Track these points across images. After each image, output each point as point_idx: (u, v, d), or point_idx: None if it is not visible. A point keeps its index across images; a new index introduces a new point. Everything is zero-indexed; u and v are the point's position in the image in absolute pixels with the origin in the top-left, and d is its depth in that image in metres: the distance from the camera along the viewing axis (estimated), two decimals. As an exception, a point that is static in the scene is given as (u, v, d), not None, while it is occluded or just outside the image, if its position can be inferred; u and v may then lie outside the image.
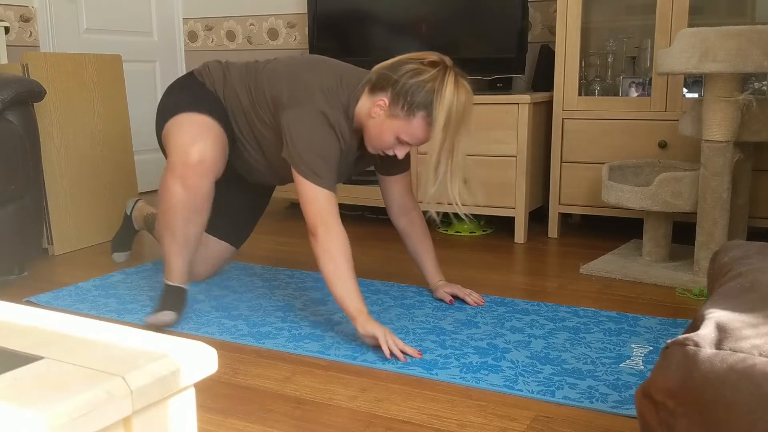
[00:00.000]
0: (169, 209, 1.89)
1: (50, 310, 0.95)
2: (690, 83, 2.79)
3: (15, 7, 3.41)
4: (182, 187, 1.87)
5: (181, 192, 1.87)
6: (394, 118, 1.78)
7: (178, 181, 1.88)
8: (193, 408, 0.76)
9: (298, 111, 1.81)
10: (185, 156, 1.87)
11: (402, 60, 1.83)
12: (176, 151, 1.90)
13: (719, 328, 0.87)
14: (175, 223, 1.90)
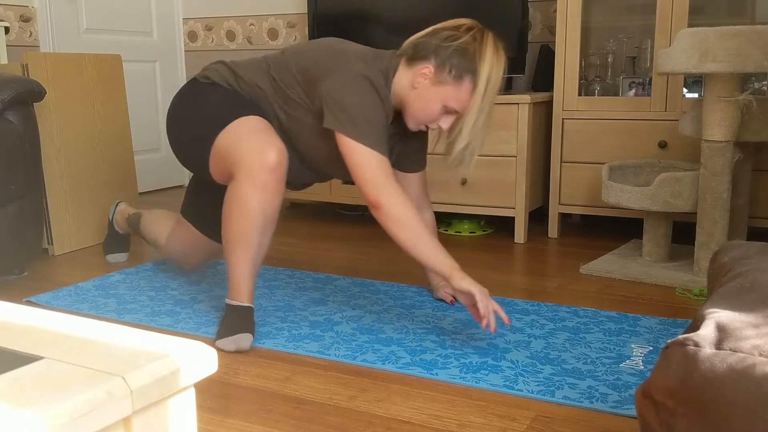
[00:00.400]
0: (244, 218, 1.72)
1: (50, 310, 0.95)
2: (690, 83, 2.79)
3: (15, 7, 3.41)
4: (261, 193, 1.70)
5: (259, 198, 1.70)
6: (442, 84, 1.73)
7: (258, 189, 1.69)
8: (193, 408, 0.76)
9: (339, 77, 1.71)
10: (264, 160, 1.68)
11: (437, 28, 1.78)
12: (250, 157, 1.69)
13: (719, 328, 0.87)
14: (252, 234, 1.73)
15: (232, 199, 1.73)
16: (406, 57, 1.79)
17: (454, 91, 1.73)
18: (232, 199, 1.73)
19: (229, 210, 1.75)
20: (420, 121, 1.81)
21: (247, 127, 1.75)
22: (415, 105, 1.78)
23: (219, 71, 1.91)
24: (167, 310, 2.07)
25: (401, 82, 1.79)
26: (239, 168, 1.72)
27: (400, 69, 1.79)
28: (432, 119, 1.79)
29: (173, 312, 2.05)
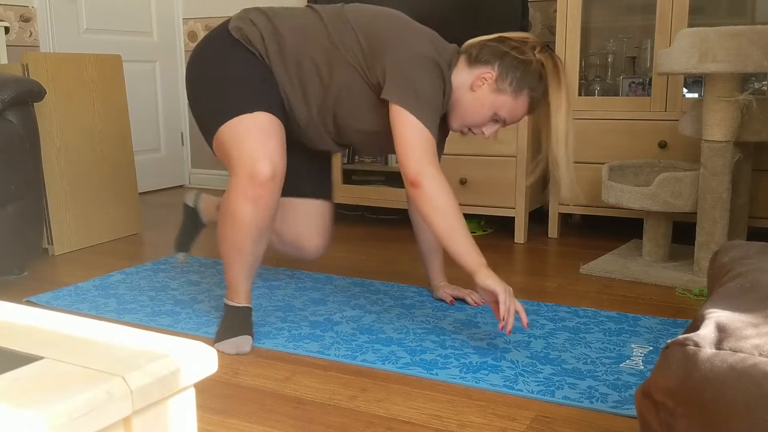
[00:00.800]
0: (237, 230, 1.71)
1: (50, 310, 0.95)
2: (690, 83, 2.79)
3: (15, 7, 3.41)
4: (254, 207, 1.68)
5: (252, 213, 1.68)
6: (499, 93, 1.72)
7: (249, 202, 1.68)
8: (193, 408, 0.76)
9: (409, 51, 1.67)
10: (255, 173, 1.66)
11: (504, 37, 1.76)
12: (242, 166, 1.67)
13: (719, 328, 0.87)
14: (245, 244, 1.72)
15: (226, 207, 1.72)
16: (468, 56, 1.77)
17: (510, 102, 1.73)
18: (226, 207, 1.72)
19: (223, 217, 1.74)
20: (466, 123, 1.79)
21: (249, 126, 1.69)
22: (468, 106, 1.76)
23: (257, 27, 1.78)
24: (167, 310, 2.07)
25: (458, 80, 1.77)
26: (234, 174, 1.70)
27: (459, 66, 1.78)
28: (479, 124, 1.78)
29: (173, 312, 2.05)
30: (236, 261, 1.76)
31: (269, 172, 1.66)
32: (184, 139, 4.33)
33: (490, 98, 1.74)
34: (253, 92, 1.73)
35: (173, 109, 4.26)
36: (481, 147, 2.86)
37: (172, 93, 4.25)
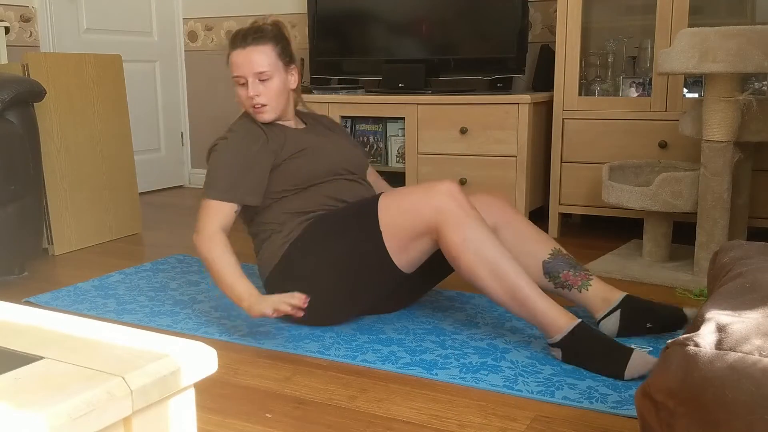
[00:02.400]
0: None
1: (50, 311, 0.95)
2: (690, 83, 2.79)
3: (15, 7, 3.41)
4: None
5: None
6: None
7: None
8: (193, 408, 0.76)
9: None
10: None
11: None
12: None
13: (719, 328, 0.87)
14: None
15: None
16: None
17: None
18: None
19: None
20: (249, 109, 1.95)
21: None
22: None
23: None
24: (167, 310, 2.07)
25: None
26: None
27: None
28: (244, 101, 1.93)
29: (173, 312, 2.05)
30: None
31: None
32: (184, 139, 4.33)
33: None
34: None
35: (173, 109, 4.26)
36: (481, 147, 2.86)
37: (172, 93, 4.25)
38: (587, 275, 1.83)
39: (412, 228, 1.72)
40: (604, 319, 1.79)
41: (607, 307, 1.78)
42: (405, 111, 3.01)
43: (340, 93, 3.22)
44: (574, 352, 1.62)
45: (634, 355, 1.56)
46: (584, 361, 1.61)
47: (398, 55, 3.26)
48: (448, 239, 1.67)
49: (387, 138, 3.19)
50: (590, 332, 1.61)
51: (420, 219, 1.70)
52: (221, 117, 4.20)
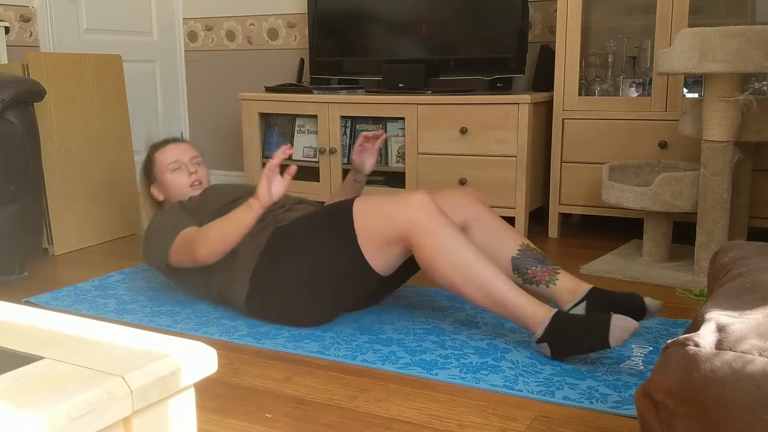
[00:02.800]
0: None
1: (50, 311, 0.95)
2: (690, 83, 2.79)
3: (15, 7, 3.41)
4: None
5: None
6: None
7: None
8: (193, 408, 0.76)
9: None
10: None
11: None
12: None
13: (719, 328, 0.87)
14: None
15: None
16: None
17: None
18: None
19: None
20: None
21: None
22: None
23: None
24: (167, 310, 2.07)
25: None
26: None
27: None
28: (180, 183, 2.16)
29: (173, 312, 2.05)
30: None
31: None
32: (183, 139, 4.32)
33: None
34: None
35: (173, 109, 4.26)
36: (481, 147, 2.86)
37: (172, 93, 4.25)
38: (555, 270, 1.88)
39: (386, 234, 1.75)
40: (571, 311, 1.83)
41: (574, 299, 1.83)
42: (405, 111, 3.01)
43: (340, 93, 3.21)
44: (559, 343, 1.64)
45: (613, 322, 1.57)
46: (572, 348, 1.64)
47: (398, 55, 3.26)
48: (421, 250, 1.71)
49: (387, 138, 3.19)
50: (567, 317, 1.66)
51: (393, 227, 1.74)
52: (221, 117, 4.20)
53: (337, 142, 3.18)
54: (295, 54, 3.87)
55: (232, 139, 4.17)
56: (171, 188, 2.16)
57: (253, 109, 3.38)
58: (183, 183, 2.15)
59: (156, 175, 2.18)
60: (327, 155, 3.21)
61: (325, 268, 1.83)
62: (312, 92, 3.25)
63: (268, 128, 3.46)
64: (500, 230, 1.92)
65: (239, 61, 4.08)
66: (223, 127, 4.22)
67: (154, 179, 2.19)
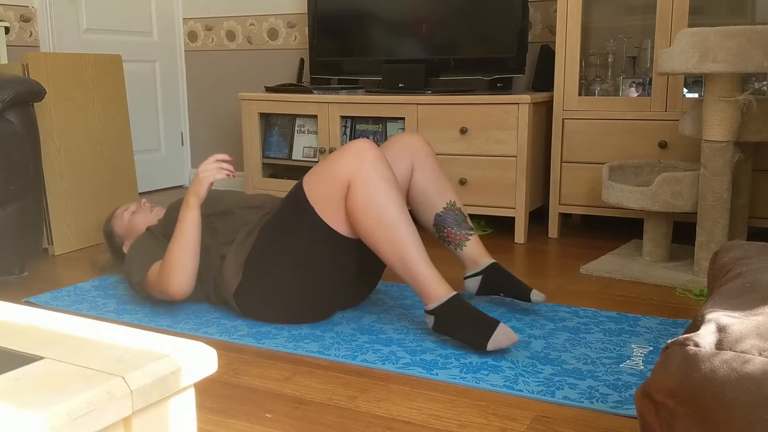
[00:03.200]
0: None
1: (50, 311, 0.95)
2: (690, 83, 2.79)
3: (15, 7, 3.41)
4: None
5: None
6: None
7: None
8: (193, 408, 0.76)
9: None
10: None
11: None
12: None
13: (719, 328, 0.87)
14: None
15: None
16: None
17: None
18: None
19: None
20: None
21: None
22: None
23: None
24: (167, 310, 2.07)
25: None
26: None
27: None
28: (140, 215, 2.24)
29: (173, 312, 2.05)
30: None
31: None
32: (184, 139, 4.33)
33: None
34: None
35: (173, 109, 4.26)
36: (481, 147, 2.86)
37: (172, 93, 4.25)
38: (467, 236, 2.01)
39: (335, 192, 1.76)
40: (468, 278, 2.04)
41: (474, 269, 2.02)
42: (405, 111, 3.01)
43: (340, 93, 3.22)
44: (444, 321, 1.72)
45: (499, 328, 1.66)
46: (453, 331, 1.71)
47: (398, 55, 3.26)
48: (352, 197, 1.73)
49: (387, 138, 3.19)
50: (463, 305, 1.71)
51: (336, 181, 1.76)
52: (221, 117, 4.20)
53: (337, 142, 3.18)
54: (295, 54, 3.87)
55: (232, 139, 4.18)
56: (134, 230, 2.20)
57: (253, 109, 3.38)
58: (143, 217, 2.21)
59: (119, 232, 2.23)
60: (327, 155, 3.22)
61: (305, 256, 1.82)
62: (312, 92, 3.25)
63: (268, 128, 3.46)
64: (437, 184, 2.01)
65: (239, 61, 4.08)
66: (223, 127, 4.22)
67: (121, 241, 2.23)
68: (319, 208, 1.78)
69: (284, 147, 3.41)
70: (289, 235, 1.83)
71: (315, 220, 1.78)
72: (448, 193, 2.02)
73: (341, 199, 1.76)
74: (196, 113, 4.30)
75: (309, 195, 1.80)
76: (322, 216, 1.78)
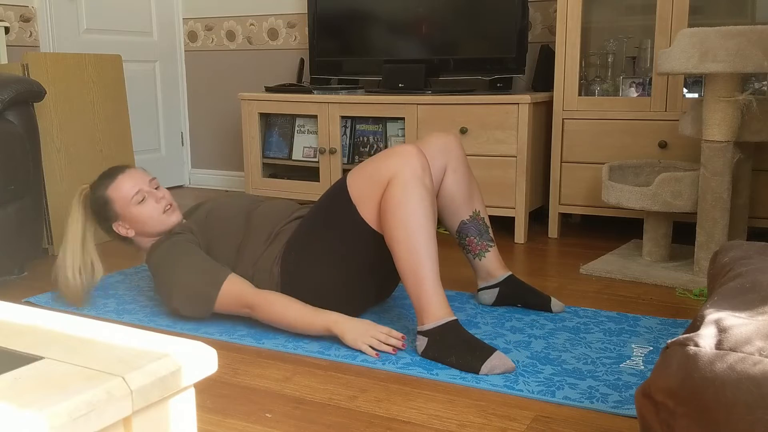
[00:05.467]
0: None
1: (50, 311, 0.95)
2: (690, 83, 2.79)
3: (15, 7, 3.41)
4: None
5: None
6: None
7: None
8: (193, 408, 0.76)
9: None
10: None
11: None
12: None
13: (719, 328, 0.87)
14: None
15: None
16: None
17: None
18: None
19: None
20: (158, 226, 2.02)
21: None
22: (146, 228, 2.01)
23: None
24: (167, 310, 2.07)
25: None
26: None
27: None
28: (152, 212, 2.00)
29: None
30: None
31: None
32: (184, 139, 4.33)
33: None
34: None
35: (173, 109, 4.26)
36: (481, 147, 2.86)
37: (172, 93, 4.25)
38: (487, 246, 2.04)
39: (377, 191, 1.76)
40: (484, 290, 2.06)
41: (490, 281, 2.05)
42: (405, 111, 3.01)
43: (340, 93, 3.22)
44: (439, 343, 1.67)
45: (495, 354, 1.62)
46: (445, 354, 1.66)
47: (398, 55, 3.26)
48: (388, 194, 1.73)
49: (387, 138, 3.19)
50: (461, 329, 1.68)
51: (380, 180, 1.75)
52: (221, 117, 4.20)
53: (337, 142, 3.18)
54: (295, 54, 3.87)
55: (232, 139, 4.18)
56: (142, 221, 1.99)
57: (253, 109, 3.38)
58: (155, 212, 1.99)
59: (118, 211, 1.99)
60: (327, 155, 3.21)
61: (343, 254, 1.82)
62: (312, 92, 3.25)
63: (268, 128, 3.46)
64: (466, 191, 2.01)
65: (239, 61, 4.08)
66: (223, 127, 4.22)
67: (116, 217, 2.00)
68: (359, 204, 1.79)
69: (284, 147, 3.41)
70: (327, 230, 1.84)
71: (355, 216, 1.79)
72: (475, 202, 2.02)
73: (381, 197, 1.76)
74: (196, 113, 4.30)
75: (351, 192, 1.80)
76: (361, 213, 1.78)
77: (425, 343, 1.69)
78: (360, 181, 1.80)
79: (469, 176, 2.02)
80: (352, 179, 1.82)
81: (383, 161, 1.77)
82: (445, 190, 1.99)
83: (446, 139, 2.00)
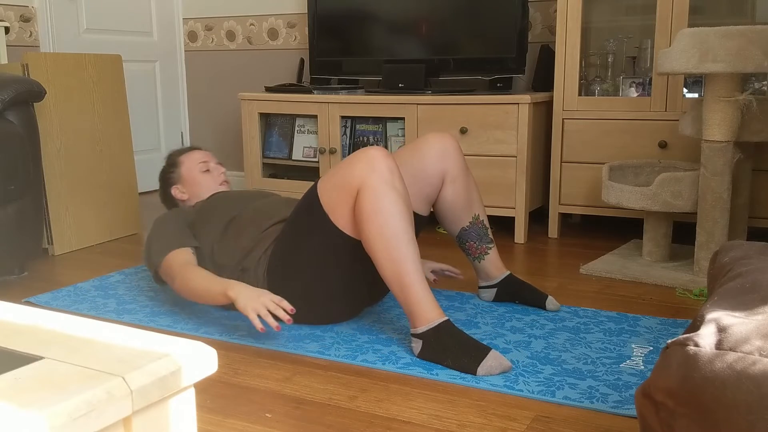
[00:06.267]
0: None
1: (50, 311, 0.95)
2: (690, 83, 2.79)
3: (15, 7, 3.41)
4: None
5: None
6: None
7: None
8: (193, 408, 0.76)
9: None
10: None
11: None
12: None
13: (719, 328, 0.87)
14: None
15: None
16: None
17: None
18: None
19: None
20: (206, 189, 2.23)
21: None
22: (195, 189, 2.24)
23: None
24: (167, 310, 2.07)
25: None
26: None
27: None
28: (209, 182, 2.24)
29: (173, 312, 2.05)
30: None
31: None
32: (184, 139, 4.33)
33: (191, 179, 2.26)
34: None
35: (173, 109, 4.26)
36: (481, 147, 2.86)
37: (172, 93, 4.25)
38: (486, 249, 2.07)
39: (347, 199, 1.75)
40: (483, 290, 2.12)
41: (489, 281, 2.10)
42: (405, 111, 3.01)
43: (340, 93, 3.22)
44: (434, 346, 1.66)
45: (491, 354, 1.62)
46: (441, 356, 1.65)
47: (398, 55, 3.26)
48: (360, 204, 1.71)
49: (387, 138, 3.19)
50: (454, 330, 1.67)
51: (348, 188, 1.74)
52: (221, 117, 4.20)
53: (337, 142, 3.18)
54: (295, 54, 3.87)
55: (232, 139, 4.17)
56: (198, 187, 2.21)
57: (253, 109, 3.38)
58: (212, 183, 2.23)
59: (183, 174, 2.23)
60: (327, 155, 3.22)
61: (323, 261, 1.82)
62: (312, 92, 3.25)
63: (268, 128, 3.46)
64: (466, 199, 2.02)
65: (239, 61, 4.08)
66: (223, 127, 4.22)
67: (177, 180, 2.24)
68: (332, 213, 1.77)
69: (284, 147, 3.41)
70: (304, 239, 1.83)
71: (328, 225, 1.78)
72: (474, 206, 2.03)
73: (352, 206, 1.75)
74: (196, 113, 4.30)
75: (322, 199, 1.79)
76: (335, 221, 1.77)
77: (420, 346, 1.69)
78: (330, 190, 1.78)
79: (467, 183, 2.01)
80: (322, 188, 1.81)
81: (349, 168, 1.74)
82: (444, 199, 2.00)
83: (444, 143, 1.98)
